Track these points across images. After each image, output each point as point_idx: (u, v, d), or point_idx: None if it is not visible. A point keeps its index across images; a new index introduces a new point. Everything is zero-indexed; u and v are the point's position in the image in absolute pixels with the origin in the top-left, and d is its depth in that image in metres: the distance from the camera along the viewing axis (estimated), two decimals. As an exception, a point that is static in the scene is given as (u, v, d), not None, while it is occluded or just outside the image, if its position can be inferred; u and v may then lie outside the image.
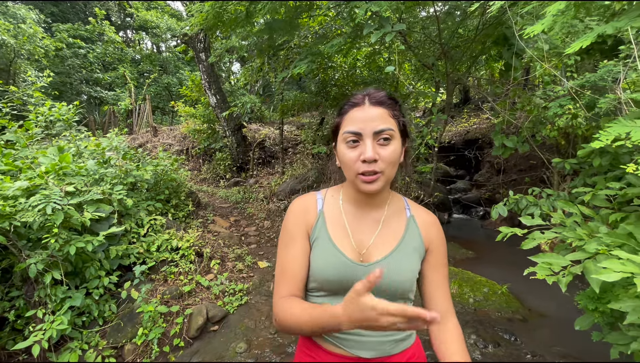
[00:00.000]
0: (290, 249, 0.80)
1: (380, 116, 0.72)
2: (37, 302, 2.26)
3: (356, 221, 0.81)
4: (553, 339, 2.28)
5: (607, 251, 1.32)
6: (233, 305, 2.93)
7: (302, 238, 0.80)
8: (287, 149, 7.68)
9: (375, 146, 0.71)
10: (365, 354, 0.75)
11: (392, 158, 0.72)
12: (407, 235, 0.80)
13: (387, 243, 0.79)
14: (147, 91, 11.93)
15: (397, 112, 0.75)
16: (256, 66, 5.91)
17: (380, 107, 0.73)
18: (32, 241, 2.32)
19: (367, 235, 0.79)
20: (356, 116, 0.73)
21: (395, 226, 0.81)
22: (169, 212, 3.94)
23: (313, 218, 0.81)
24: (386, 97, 0.75)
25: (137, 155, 3.78)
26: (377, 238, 0.79)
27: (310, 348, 0.81)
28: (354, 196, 0.81)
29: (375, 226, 0.80)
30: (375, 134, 0.71)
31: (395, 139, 0.73)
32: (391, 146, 0.72)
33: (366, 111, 0.72)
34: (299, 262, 0.78)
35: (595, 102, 2.40)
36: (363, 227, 0.80)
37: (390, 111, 0.74)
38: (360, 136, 0.72)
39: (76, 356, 2.19)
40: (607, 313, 1.47)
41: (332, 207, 0.83)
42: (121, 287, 2.70)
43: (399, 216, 0.83)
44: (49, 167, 2.51)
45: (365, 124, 0.71)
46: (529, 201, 2.45)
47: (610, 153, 2.17)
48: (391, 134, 0.72)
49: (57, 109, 3.49)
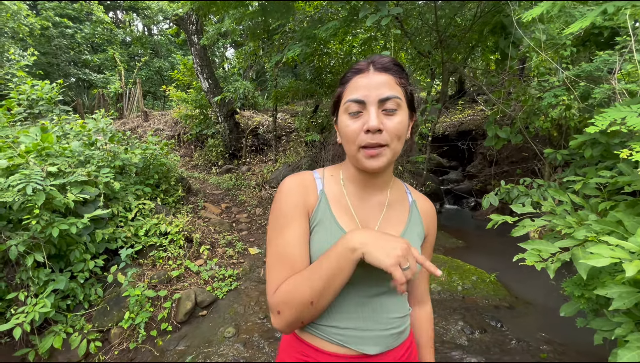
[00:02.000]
0: (287, 232, 0.68)
1: (385, 83, 0.66)
2: (18, 285, 2.21)
3: (360, 204, 0.75)
4: (538, 326, 2.32)
5: (595, 238, 1.32)
6: (222, 290, 2.91)
7: (302, 220, 0.69)
8: (280, 137, 7.60)
9: (381, 116, 0.65)
10: (370, 350, 0.68)
11: (399, 130, 0.66)
12: (411, 220, 0.78)
13: (392, 228, 0.74)
14: (137, 74, 11.62)
15: (404, 80, 0.69)
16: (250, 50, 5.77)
17: (385, 73, 0.67)
18: (13, 222, 2.26)
19: (372, 218, 0.74)
20: (360, 83, 0.66)
21: (399, 211, 0.78)
22: (158, 197, 3.87)
23: (314, 199, 0.72)
24: (392, 63, 0.68)
25: (125, 138, 3.68)
26: (382, 222, 0.74)
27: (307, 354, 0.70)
28: (357, 176, 0.74)
29: (380, 210, 0.76)
30: (381, 102, 0.65)
31: (402, 109, 0.67)
32: (397, 116, 0.66)
33: (371, 77, 0.66)
34: (299, 247, 0.68)
35: (590, 93, 2.38)
36: (368, 211, 0.75)
37: (397, 78, 0.67)
38: (364, 104, 0.65)
39: (60, 339, 2.16)
40: (593, 299, 1.49)
41: (333, 188, 0.75)
42: (107, 271, 2.66)
43: (402, 200, 0.80)
44: (30, 146, 2.42)
45: (369, 91, 0.65)
46: (520, 191, 2.46)
47: (602, 143, 2.17)
48: (398, 103, 0.65)
49: (39, 87, 3.35)
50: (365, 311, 0.68)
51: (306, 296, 0.61)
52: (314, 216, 0.71)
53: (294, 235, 0.68)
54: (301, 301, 0.62)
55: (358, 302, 0.68)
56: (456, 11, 4.11)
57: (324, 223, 0.70)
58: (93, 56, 12.53)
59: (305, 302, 0.62)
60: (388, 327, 0.70)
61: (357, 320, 0.68)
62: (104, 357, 2.27)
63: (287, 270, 0.66)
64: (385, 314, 0.70)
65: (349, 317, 0.68)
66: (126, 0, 13.75)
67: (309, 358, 0.70)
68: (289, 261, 0.67)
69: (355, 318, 0.68)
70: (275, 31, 5.46)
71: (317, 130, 6.23)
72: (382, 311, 0.69)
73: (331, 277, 0.60)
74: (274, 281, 0.67)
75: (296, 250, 0.67)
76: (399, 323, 0.72)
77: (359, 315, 0.68)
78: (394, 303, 0.71)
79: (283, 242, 0.68)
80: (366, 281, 0.68)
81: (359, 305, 0.68)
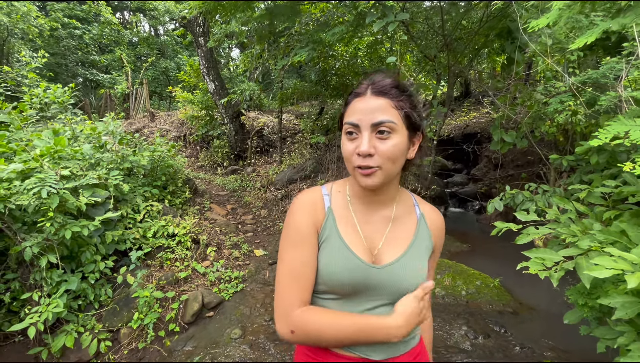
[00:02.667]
0: (302, 250, 0.72)
1: (380, 107, 0.67)
2: (32, 285, 2.27)
3: (365, 220, 0.77)
4: (542, 332, 2.33)
5: (599, 248, 1.34)
6: (229, 291, 2.95)
7: (313, 238, 0.74)
8: (285, 138, 7.64)
9: (373, 140, 0.67)
10: (377, 356, 0.72)
11: (391, 153, 0.67)
12: (418, 234, 0.78)
13: (398, 244, 0.76)
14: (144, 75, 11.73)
15: (402, 102, 0.69)
16: (256, 52, 5.82)
17: (382, 97, 0.68)
18: (28, 224, 2.32)
19: (377, 234, 0.76)
20: (356, 107, 0.70)
21: (406, 226, 0.79)
22: (166, 198, 3.93)
23: (322, 216, 0.76)
24: (390, 86, 0.70)
25: (133, 140, 3.74)
26: (388, 237, 0.76)
27: (313, 351, 0.76)
28: (361, 192, 0.77)
29: (385, 225, 0.77)
30: (373, 126, 0.67)
31: (397, 132, 0.68)
32: (391, 140, 0.67)
33: (367, 101, 0.69)
34: (311, 266, 0.72)
35: (596, 100, 2.39)
36: (373, 226, 0.77)
37: (394, 102, 0.68)
38: (358, 128, 0.68)
39: (72, 338, 2.21)
40: (596, 308, 1.50)
41: (340, 204, 0.78)
42: (117, 272, 2.72)
43: (409, 214, 0.80)
44: (44, 150, 2.49)
45: (363, 115, 0.68)
46: (525, 196, 2.46)
47: (608, 151, 2.18)
48: (391, 126, 0.67)
49: (52, 91, 3.42)
50: None
51: (325, 338, 0.67)
52: (322, 233, 0.75)
53: (308, 253, 0.72)
54: (319, 339, 0.68)
55: (361, 312, 0.72)
56: (462, 15, 4.11)
57: (330, 240, 0.74)
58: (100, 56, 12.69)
59: (322, 342, 0.69)
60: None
61: None
62: (114, 356, 2.33)
63: (303, 289, 0.71)
64: None
65: None
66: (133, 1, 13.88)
67: (318, 358, 0.74)
68: (304, 281, 0.71)
69: None
70: (282, 33, 5.50)
71: (322, 132, 6.26)
72: None
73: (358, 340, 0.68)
74: (289, 298, 0.70)
75: (309, 270, 0.72)
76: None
77: None
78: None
79: (298, 261, 0.72)
80: (369, 294, 0.73)
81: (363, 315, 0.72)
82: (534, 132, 3.45)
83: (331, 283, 0.72)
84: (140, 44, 14.08)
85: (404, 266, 0.73)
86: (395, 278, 0.72)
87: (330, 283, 0.72)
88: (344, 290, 0.72)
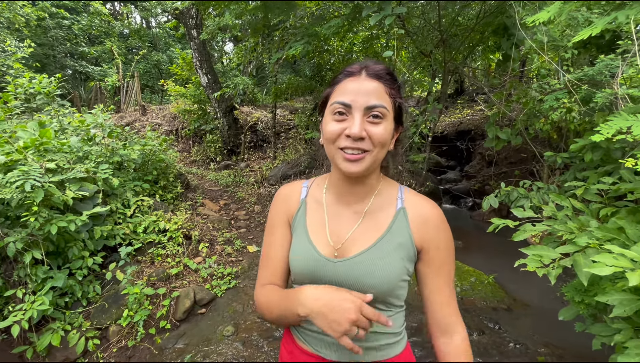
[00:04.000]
0: (272, 237, 0.80)
1: (375, 91, 0.65)
2: (16, 282, 2.19)
3: (336, 213, 0.75)
4: (536, 328, 2.34)
5: (597, 245, 1.33)
6: (221, 288, 2.90)
7: (282, 227, 0.79)
8: (279, 134, 7.57)
9: (365, 123, 0.64)
10: (328, 355, 0.70)
11: (382, 138, 0.65)
12: (391, 229, 0.71)
13: (366, 238, 0.71)
14: (135, 67, 11.49)
15: (394, 90, 0.68)
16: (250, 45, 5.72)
17: (377, 81, 0.66)
18: (11, 219, 2.23)
19: (345, 227, 0.73)
20: (349, 87, 0.66)
21: (380, 220, 0.72)
22: (157, 193, 3.84)
23: (295, 207, 0.79)
24: (385, 72, 0.67)
25: (123, 133, 3.65)
26: (356, 232, 0.72)
27: (288, 343, 0.79)
28: (338, 183, 0.74)
29: (357, 219, 0.73)
30: (367, 109, 0.64)
31: (387, 119, 0.66)
32: (382, 125, 0.65)
33: (361, 82, 0.66)
34: (279, 251, 0.78)
35: (592, 97, 2.39)
36: (343, 219, 0.74)
37: (387, 88, 0.67)
38: (350, 108, 0.65)
39: (58, 337, 2.15)
40: (592, 305, 1.50)
41: (315, 196, 0.79)
42: (106, 268, 2.65)
43: (387, 208, 0.73)
44: (28, 142, 2.39)
45: (357, 97, 0.64)
46: (519, 193, 2.46)
47: (602, 148, 2.18)
48: (383, 112, 0.65)
49: (37, 81, 3.30)
50: None
51: (267, 316, 0.75)
52: (292, 223, 0.79)
53: (276, 239, 0.79)
54: (266, 312, 0.75)
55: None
56: (459, 11, 4.09)
57: (297, 230, 0.77)
58: (90, 48, 12.37)
59: (267, 315, 0.75)
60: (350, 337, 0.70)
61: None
62: (102, 354, 2.27)
63: (269, 270, 0.79)
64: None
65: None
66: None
67: (293, 355, 0.76)
68: (270, 263, 0.79)
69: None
70: (276, 27, 5.41)
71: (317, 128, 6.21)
72: None
73: (281, 318, 0.71)
74: (259, 278, 0.81)
75: (277, 253, 0.79)
76: (368, 337, 0.68)
77: None
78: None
79: (268, 245, 0.80)
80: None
81: None
82: (528, 129, 3.46)
83: (293, 272, 0.75)
84: (132, 36, 13.77)
85: (363, 262, 0.68)
86: (352, 273, 0.68)
87: (294, 272, 0.75)
88: (303, 280, 0.73)
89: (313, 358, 0.72)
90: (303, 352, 0.74)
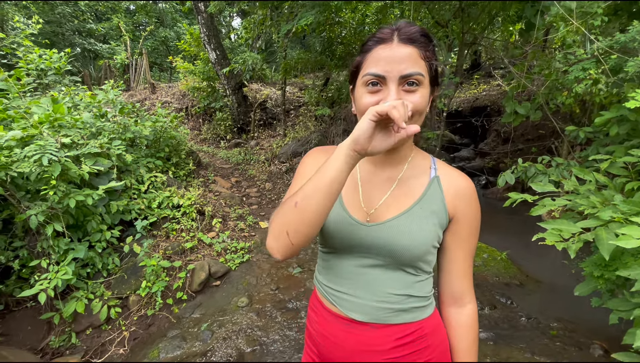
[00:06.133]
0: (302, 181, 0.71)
1: (409, 57, 0.61)
2: (40, 253, 2.28)
3: (370, 178, 0.74)
4: (548, 304, 2.34)
5: (622, 219, 1.28)
6: (235, 262, 2.97)
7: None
8: (289, 111, 7.47)
9: (401, 93, 0.61)
10: (357, 316, 0.71)
11: (420, 107, 0.62)
12: (426, 196, 0.71)
13: (400, 204, 0.71)
14: (143, 44, 11.35)
15: (430, 53, 0.63)
16: (258, 18, 5.54)
17: (411, 45, 0.61)
18: (31, 192, 2.29)
19: (378, 193, 0.73)
20: (381, 55, 0.62)
21: (414, 186, 0.72)
22: (170, 170, 3.88)
23: None
24: (419, 34, 0.62)
25: (134, 110, 3.65)
26: (389, 197, 0.72)
27: (315, 306, 0.80)
28: None
29: (389, 185, 0.73)
30: (402, 78, 0.61)
31: (424, 85, 0.63)
32: (419, 92, 0.62)
33: (394, 49, 0.61)
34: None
35: (622, 67, 2.24)
36: (376, 185, 0.73)
37: (422, 52, 0.62)
38: (384, 79, 0.61)
39: (82, 305, 2.25)
40: (611, 280, 1.47)
41: None
42: (123, 242, 2.73)
43: (421, 175, 0.73)
44: (43, 117, 2.41)
45: (391, 66, 0.60)
46: (537, 169, 2.39)
47: (630, 121, 2.07)
48: (420, 79, 0.61)
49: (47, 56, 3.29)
50: (359, 280, 0.71)
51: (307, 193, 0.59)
52: None
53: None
54: (288, 204, 0.61)
55: (353, 271, 0.71)
56: (480, -24, 3.83)
57: None
58: (97, 25, 12.24)
59: (291, 204, 0.60)
60: (381, 299, 0.70)
61: (349, 286, 0.71)
62: (124, 322, 2.38)
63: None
64: (379, 287, 0.70)
65: (343, 282, 0.72)
66: (129, -35, 13.19)
67: (316, 310, 0.78)
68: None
69: (348, 284, 0.72)
70: (286, -2, 5.19)
71: (328, 104, 6.09)
72: (375, 284, 0.70)
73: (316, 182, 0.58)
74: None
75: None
76: (398, 299, 0.70)
77: (353, 282, 0.71)
78: (391, 279, 0.70)
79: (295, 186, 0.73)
80: (363, 251, 0.70)
81: (354, 274, 0.71)
82: (549, 104, 3.31)
83: (323, 235, 0.73)
84: (138, 12, 13.52)
85: (396, 227, 0.68)
86: (385, 237, 0.68)
87: (324, 235, 0.73)
88: (334, 244, 0.72)
89: (340, 318, 0.73)
90: (331, 313, 0.75)
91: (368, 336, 0.70)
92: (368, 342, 0.70)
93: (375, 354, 0.69)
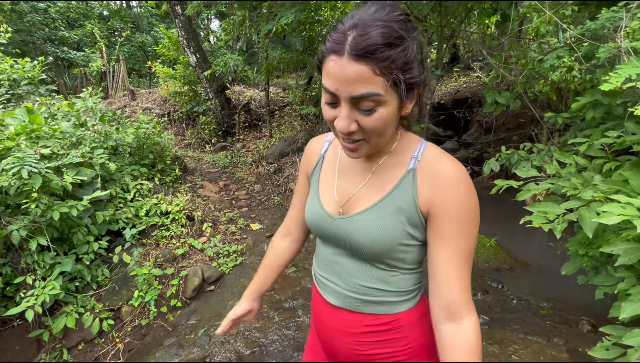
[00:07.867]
0: (297, 186, 0.89)
1: (359, 77, 0.51)
2: (24, 269, 2.20)
3: (347, 170, 0.74)
4: (537, 285, 2.42)
5: (602, 198, 1.34)
6: (228, 265, 2.95)
7: (303, 179, 0.86)
8: (274, 112, 7.43)
9: (354, 114, 0.56)
10: (332, 301, 0.75)
11: (376, 127, 0.56)
12: (395, 191, 0.65)
13: (369, 198, 0.67)
14: (120, 51, 11.06)
15: (393, 63, 0.52)
16: (237, 19, 5.49)
17: (362, 62, 0.51)
18: (11, 207, 2.21)
19: (353, 185, 0.71)
20: (331, 70, 0.54)
21: (386, 179, 0.67)
22: (155, 177, 3.81)
23: (314, 162, 0.81)
24: (375, 46, 0.50)
25: (115, 117, 3.56)
26: (362, 189, 0.69)
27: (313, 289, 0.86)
28: None
29: (363, 178, 0.70)
30: (353, 99, 0.54)
31: (384, 104, 0.55)
32: (377, 113, 0.55)
33: (343, 66, 0.52)
34: (297, 203, 0.89)
35: (594, 53, 2.33)
36: (351, 178, 0.72)
37: (379, 66, 0.51)
38: (337, 98, 0.56)
39: (73, 319, 2.18)
40: (596, 257, 1.53)
41: (333, 151, 0.79)
42: (112, 252, 2.66)
43: (398, 167, 0.67)
44: (19, 129, 2.33)
45: (340, 85, 0.53)
46: (520, 156, 2.47)
47: (604, 105, 2.16)
48: (376, 100, 0.53)
49: (20, 66, 3.17)
50: (333, 267, 0.75)
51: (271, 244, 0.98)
52: (310, 178, 0.82)
53: (297, 191, 0.89)
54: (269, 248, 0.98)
55: (329, 258, 0.76)
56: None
57: (312, 185, 0.80)
58: (70, 32, 11.85)
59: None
60: (350, 288, 0.72)
61: (327, 272, 0.76)
62: (118, 334, 2.32)
63: (290, 217, 0.93)
64: (349, 277, 0.72)
65: (324, 268, 0.77)
66: (100, -31, 12.81)
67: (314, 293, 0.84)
68: (292, 211, 0.93)
69: (327, 270, 0.76)
70: (264, -3, 5.16)
71: (312, 103, 6.09)
72: (345, 273, 0.72)
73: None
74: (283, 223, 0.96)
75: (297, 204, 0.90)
76: (368, 292, 0.69)
77: (329, 269, 0.76)
78: (361, 271, 0.70)
79: (294, 195, 0.91)
80: (332, 242, 0.74)
81: (330, 261, 0.75)
82: (527, 92, 3.41)
83: (307, 225, 0.80)
84: (112, 17, 13.16)
85: (357, 222, 0.66)
86: (345, 232, 0.69)
87: (307, 225, 0.80)
88: (314, 233, 0.79)
89: (324, 300, 0.78)
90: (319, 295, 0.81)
91: (343, 318, 0.74)
92: (344, 323, 0.74)
93: (350, 335, 0.73)
